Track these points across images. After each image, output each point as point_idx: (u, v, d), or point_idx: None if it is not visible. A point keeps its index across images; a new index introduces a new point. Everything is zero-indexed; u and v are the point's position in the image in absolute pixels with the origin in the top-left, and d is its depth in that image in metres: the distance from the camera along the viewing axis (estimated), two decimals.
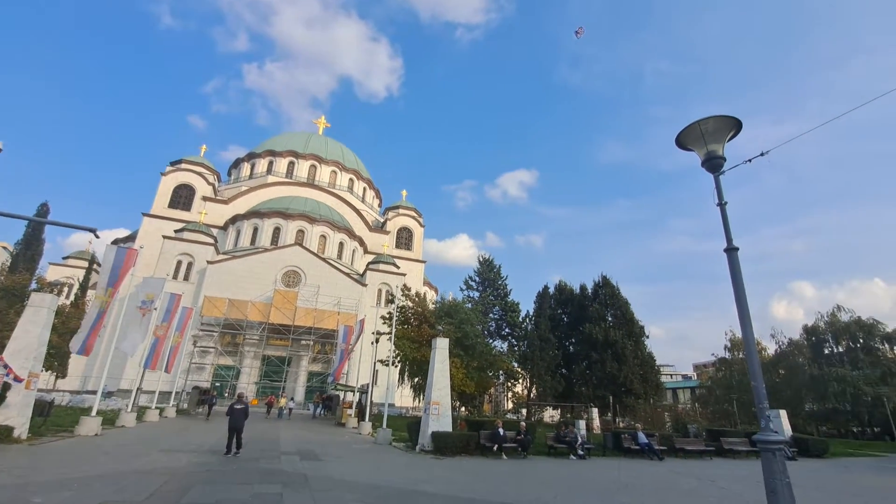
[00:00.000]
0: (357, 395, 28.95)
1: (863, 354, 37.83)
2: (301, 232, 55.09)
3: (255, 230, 55.40)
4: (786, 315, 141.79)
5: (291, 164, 67.85)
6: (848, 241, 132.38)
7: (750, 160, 7.48)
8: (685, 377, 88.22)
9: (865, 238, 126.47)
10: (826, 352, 39.99)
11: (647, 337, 40.55)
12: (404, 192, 70.59)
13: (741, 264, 5.47)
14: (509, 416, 37.71)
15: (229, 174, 72.93)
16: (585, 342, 39.31)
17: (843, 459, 21.38)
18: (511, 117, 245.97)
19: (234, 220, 56.56)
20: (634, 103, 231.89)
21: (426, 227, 66.48)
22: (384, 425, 19.09)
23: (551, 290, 44.68)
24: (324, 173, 68.54)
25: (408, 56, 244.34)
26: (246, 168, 69.29)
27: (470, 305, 36.05)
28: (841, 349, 39.70)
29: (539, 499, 8.98)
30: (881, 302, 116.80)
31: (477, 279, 42.83)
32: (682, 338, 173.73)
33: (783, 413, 25.99)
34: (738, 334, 45.85)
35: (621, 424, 33.75)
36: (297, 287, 47.75)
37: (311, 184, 64.87)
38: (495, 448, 15.71)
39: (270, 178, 64.79)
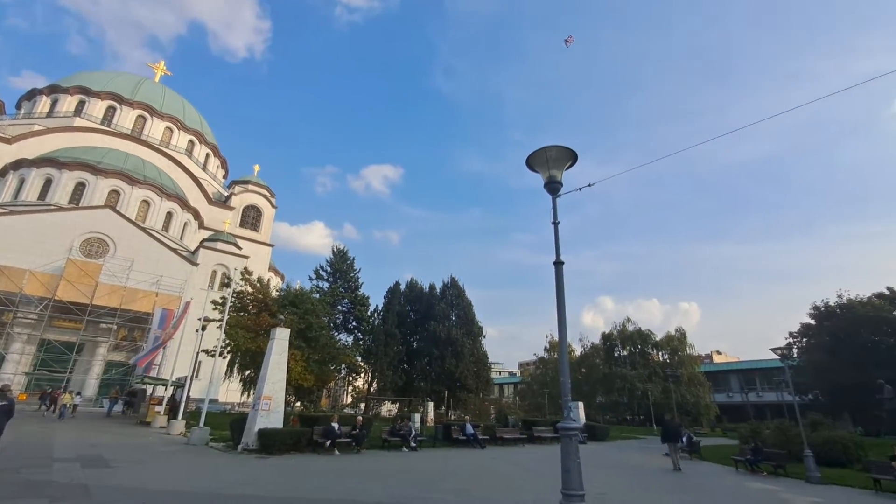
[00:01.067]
0: (170, 389, 25.09)
1: (639, 357, 47.53)
2: (116, 193, 45.92)
3: (49, 182, 44.28)
4: (592, 323, 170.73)
5: (112, 109, 55.96)
6: (639, 267, 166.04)
7: (580, 188, 8.61)
8: (511, 374, 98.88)
9: (649, 266, 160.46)
10: (616, 355, 49.12)
11: (484, 337, 44.28)
12: (256, 168, 64.19)
13: (564, 277, 6.26)
14: (347, 410, 37.17)
15: (18, 107, 56.89)
16: (429, 339, 41.06)
17: (618, 442, 26.38)
18: (381, 109, 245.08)
19: (19, 165, 44.34)
20: (496, 123, 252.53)
21: (278, 209, 61.56)
22: (201, 423, 16.93)
23: (402, 286, 45.59)
24: (156, 129, 58.16)
25: (278, 20, 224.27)
26: (44, 103, 54.87)
27: (318, 296, 34.53)
28: (626, 353, 49.21)
29: (366, 491, 8.95)
30: (656, 317, 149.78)
31: (329, 269, 41.27)
32: (513, 338, 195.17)
33: (581, 405, 30.94)
34: (556, 337, 53.37)
35: (453, 417, 36.13)
36: (102, 258, 39.46)
37: (136, 137, 54.42)
38: (328, 444, 15.23)
39: (79, 122, 52.45)
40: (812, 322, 37.48)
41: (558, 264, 6.23)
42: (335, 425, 15.77)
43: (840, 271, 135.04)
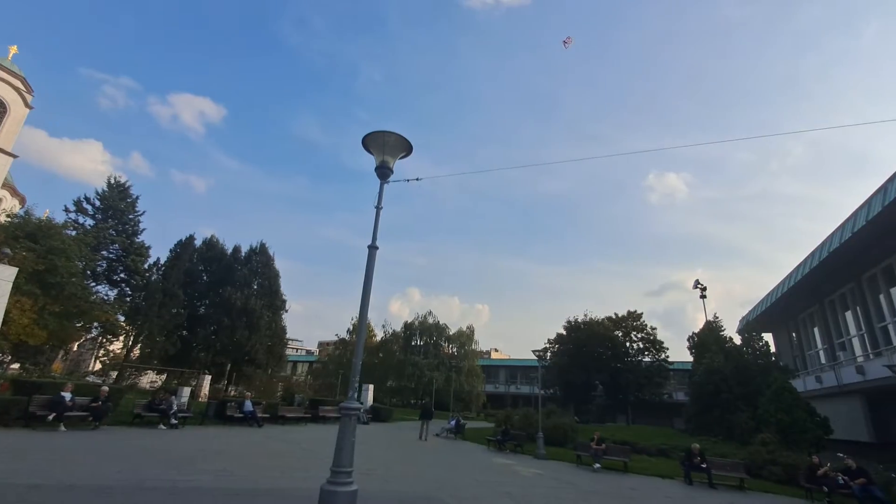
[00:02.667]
0: None
1: (432, 348, 51.86)
2: None
3: None
4: (398, 312, 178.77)
5: None
6: (448, 266, 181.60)
7: (409, 180, 8.86)
8: (309, 352, 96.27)
9: (457, 266, 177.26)
10: (413, 343, 52.56)
11: (287, 311, 41.93)
12: (13, 49, 47.17)
13: (381, 264, 6.30)
14: (92, 379, 30.33)
15: None
16: (221, 306, 36.73)
17: (400, 423, 28.22)
18: (212, 34, 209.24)
19: None
20: (344, 95, 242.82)
21: (35, 110, 46.36)
22: None
23: (199, 243, 39.72)
24: None
25: None
26: None
27: (74, 233, 27.35)
28: (422, 343, 53.11)
29: (96, 474, 7.38)
30: (454, 314, 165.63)
31: (97, 204, 32.96)
32: (318, 317, 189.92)
33: (371, 387, 32.02)
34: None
35: (233, 393, 33.12)
36: None
37: None
38: (51, 417, 12.12)
39: None
40: (564, 332, 46.96)
41: (373, 248, 6.26)
42: (66, 395, 12.69)
43: (594, 295, 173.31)
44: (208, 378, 30.72)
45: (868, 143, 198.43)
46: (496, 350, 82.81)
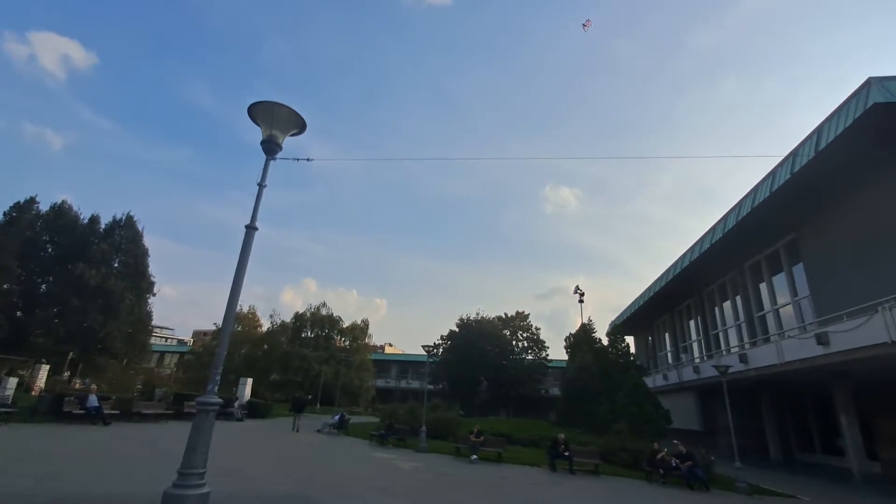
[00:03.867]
0: None
1: (323, 341, 49.95)
2: None
3: None
4: (290, 302, 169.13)
5: None
6: (349, 258, 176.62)
7: (299, 159, 8.29)
8: (182, 342, 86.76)
9: (358, 258, 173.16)
10: (303, 335, 50.11)
11: (154, 295, 37.21)
12: None
13: (269, 249, 5.76)
14: None
15: None
16: (71, 284, 31.35)
17: (279, 419, 26.57)
18: None
19: None
20: (246, 64, 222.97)
21: None
22: None
23: (44, 209, 33.45)
24: None
25: None
26: None
27: None
28: (313, 335, 50.87)
29: None
30: (352, 307, 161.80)
31: None
32: (194, 303, 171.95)
33: (249, 381, 29.77)
34: (246, 308, 50.03)
35: (78, 385, 28.42)
36: None
37: None
38: None
39: None
40: (456, 329, 48.43)
41: (251, 229, 5.72)
42: None
43: (488, 295, 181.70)
44: (46, 368, 25.97)
45: (719, 180, 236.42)
46: (390, 345, 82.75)
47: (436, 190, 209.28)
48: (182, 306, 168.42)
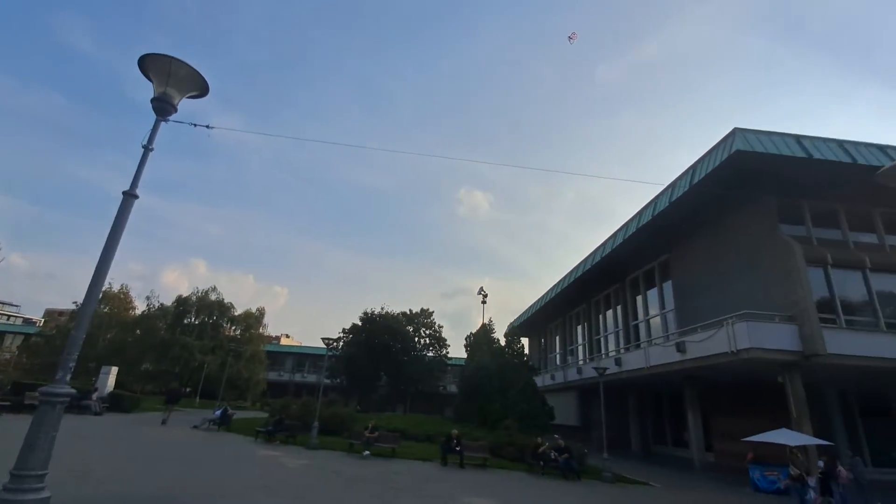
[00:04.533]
0: None
1: (210, 329, 45.74)
2: None
3: None
4: (174, 284, 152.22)
5: None
6: (248, 241, 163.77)
7: (196, 125, 7.49)
8: (29, 321, 73.57)
9: (259, 242, 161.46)
10: (186, 321, 45.38)
11: None
12: None
13: (151, 222, 5.07)
14: None
15: None
16: None
17: (147, 414, 23.75)
18: None
19: None
20: (139, 9, 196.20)
21: None
22: None
23: None
24: None
25: None
26: None
27: None
28: (198, 322, 46.31)
29: None
30: (247, 293, 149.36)
31: None
32: (51, 276, 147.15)
33: (114, 370, 26.27)
34: (117, 287, 44.07)
35: None
36: None
37: None
38: None
39: None
40: (360, 323, 47.47)
41: (130, 196, 5.03)
42: None
43: (396, 289, 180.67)
44: None
45: (612, 200, 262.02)
46: (287, 336, 78.60)
47: (349, 179, 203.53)
48: (35, 280, 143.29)
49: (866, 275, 16.34)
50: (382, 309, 48.64)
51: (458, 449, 14.74)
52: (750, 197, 17.38)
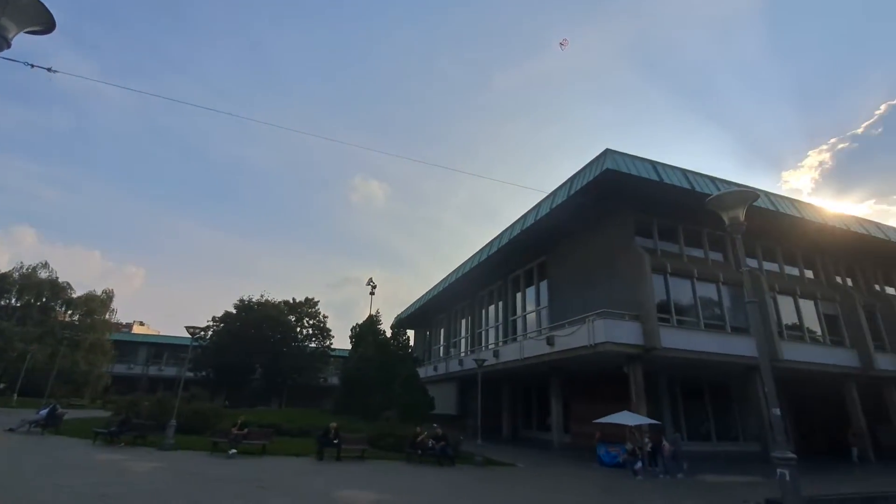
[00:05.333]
0: None
1: (37, 312, 38.08)
2: None
3: None
4: None
5: None
6: (85, 208, 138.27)
7: (34, 66, 6.24)
8: None
9: (101, 211, 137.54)
10: (4, 303, 37.16)
11: None
12: None
13: None
14: None
15: None
16: None
17: None
18: None
19: None
20: None
21: None
22: None
23: None
24: None
25: None
26: None
27: None
28: (20, 304, 38.24)
29: None
30: (93, 272, 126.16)
31: None
32: None
33: None
34: None
35: None
36: None
37: None
38: None
39: None
40: (234, 311, 43.64)
41: None
42: None
43: (279, 276, 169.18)
44: None
45: (501, 203, 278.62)
46: (141, 323, 68.99)
47: (230, 153, 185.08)
48: None
49: (693, 283, 19.76)
50: (262, 297, 45.42)
51: (335, 442, 14.39)
52: (614, 210, 19.84)
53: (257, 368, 42.97)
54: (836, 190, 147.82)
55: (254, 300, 44.47)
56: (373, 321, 33.04)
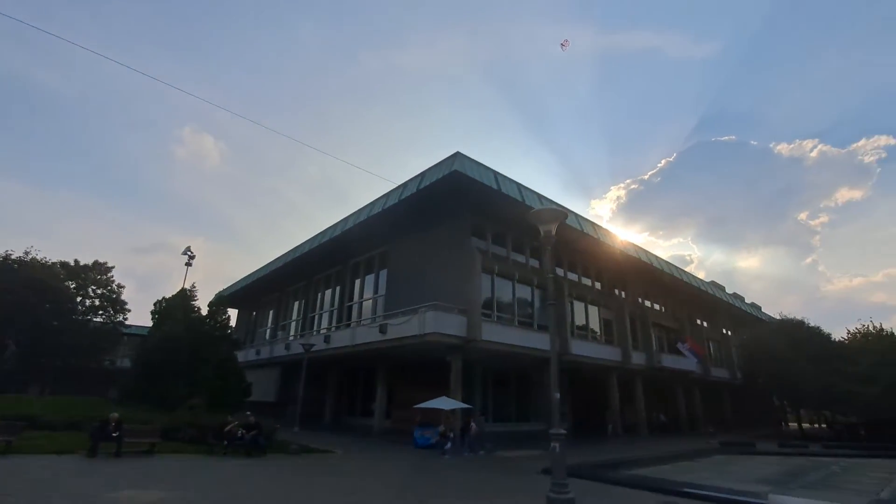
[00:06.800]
0: None
1: None
2: None
3: None
4: None
5: None
6: None
7: None
8: None
9: None
10: None
11: None
12: None
13: None
14: None
15: None
16: None
17: None
18: None
19: None
20: None
21: None
22: None
23: None
24: None
25: None
26: None
27: None
28: None
29: None
30: None
31: None
32: None
33: None
34: None
35: None
36: None
37: None
38: None
39: None
40: None
41: None
42: None
43: (57, 231, 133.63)
44: None
45: (351, 187, 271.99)
46: None
47: (9, 67, 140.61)
48: None
49: (514, 284, 22.38)
50: (27, 254, 35.61)
51: (115, 435, 12.09)
52: (455, 210, 21.16)
53: (10, 346, 33.45)
54: (626, 220, 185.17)
55: (13, 257, 34.56)
56: (186, 296, 28.74)
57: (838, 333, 32.94)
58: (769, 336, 33.47)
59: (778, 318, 38.04)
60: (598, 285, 28.81)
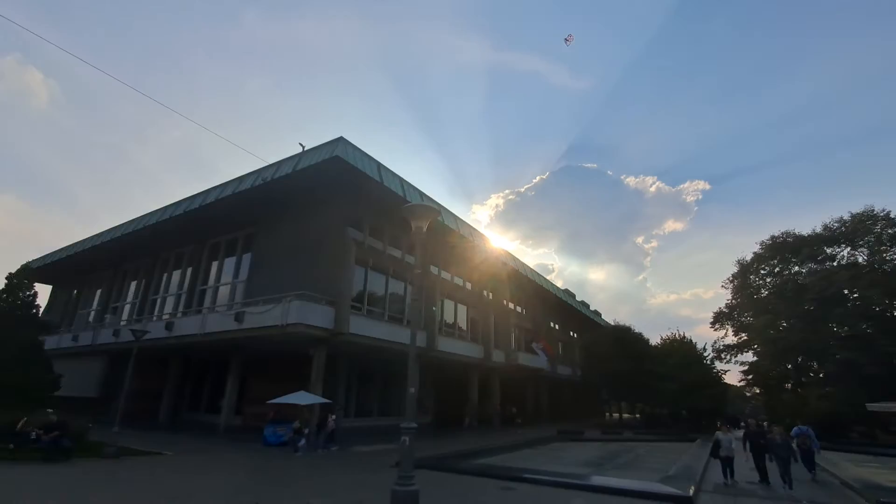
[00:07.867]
0: None
1: None
2: None
3: None
4: None
5: None
6: None
7: None
8: None
9: None
10: None
11: None
12: None
13: None
14: None
15: None
16: None
17: None
18: None
19: None
20: None
21: None
22: None
23: None
24: None
25: None
26: None
27: None
28: None
29: None
30: None
31: None
32: None
33: None
34: None
35: None
36: None
37: None
38: None
39: None
40: None
41: None
42: None
43: None
44: None
45: (218, 155, 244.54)
46: None
47: None
48: None
49: (388, 279, 22.26)
50: None
51: None
52: (332, 197, 20.24)
53: None
54: (503, 227, 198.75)
55: None
56: None
57: (655, 339, 39.66)
58: (603, 339, 38.97)
59: (612, 324, 44.73)
60: (468, 286, 30.21)
